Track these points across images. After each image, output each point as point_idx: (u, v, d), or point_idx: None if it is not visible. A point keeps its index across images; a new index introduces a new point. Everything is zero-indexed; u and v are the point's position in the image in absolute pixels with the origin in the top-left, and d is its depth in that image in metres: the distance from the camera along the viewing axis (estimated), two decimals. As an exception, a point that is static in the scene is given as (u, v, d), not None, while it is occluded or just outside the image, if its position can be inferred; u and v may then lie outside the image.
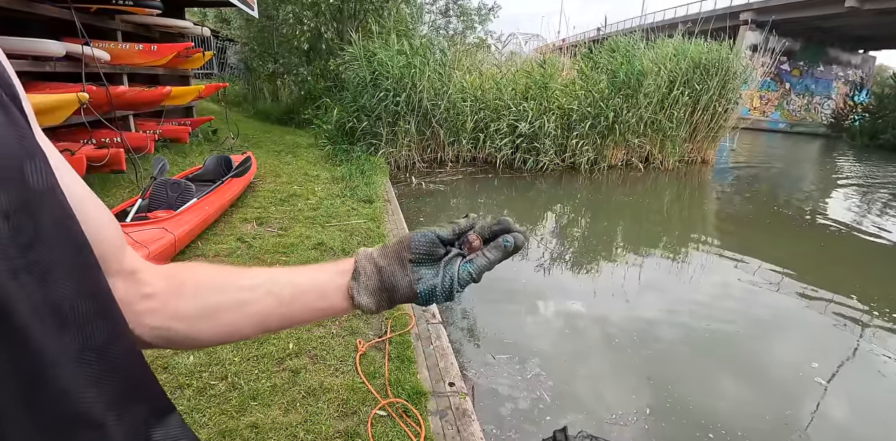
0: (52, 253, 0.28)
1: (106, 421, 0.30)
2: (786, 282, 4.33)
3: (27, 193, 0.27)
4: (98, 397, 0.29)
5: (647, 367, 2.80)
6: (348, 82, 7.96)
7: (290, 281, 0.46)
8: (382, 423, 1.93)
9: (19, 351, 0.24)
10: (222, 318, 0.44)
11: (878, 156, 16.24)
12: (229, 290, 0.45)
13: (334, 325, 2.63)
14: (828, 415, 2.53)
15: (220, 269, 0.47)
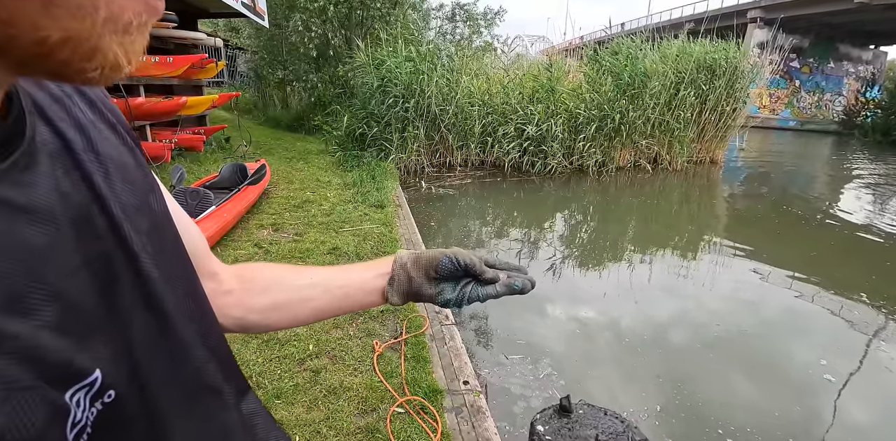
0: (173, 264, 0.37)
1: (224, 390, 0.39)
2: (795, 281, 4.36)
3: (155, 218, 0.36)
4: (216, 372, 0.39)
5: (658, 366, 2.86)
6: (357, 89, 8.09)
7: (342, 282, 0.57)
8: (401, 420, 2.01)
9: (169, 333, 0.33)
10: (288, 311, 0.56)
11: (891, 152, 16.06)
12: (294, 288, 0.56)
13: (351, 327, 2.73)
14: (837, 411, 2.57)
15: (283, 269, 0.58)
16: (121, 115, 0.38)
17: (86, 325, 0.26)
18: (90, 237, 0.28)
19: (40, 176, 0.26)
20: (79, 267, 0.27)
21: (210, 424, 0.38)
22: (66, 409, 0.23)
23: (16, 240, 0.23)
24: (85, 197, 0.29)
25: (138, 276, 0.31)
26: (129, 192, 0.33)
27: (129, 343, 0.29)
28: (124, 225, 0.31)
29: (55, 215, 0.26)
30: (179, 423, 0.33)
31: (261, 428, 0.47)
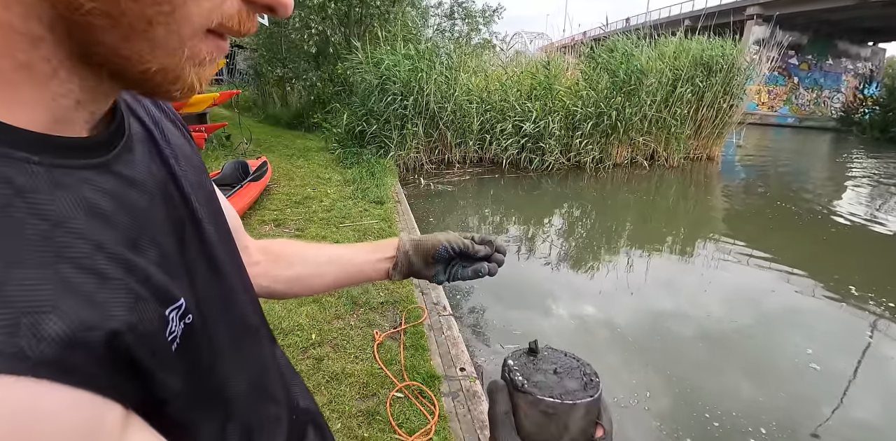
0: (222, 229, 0.47)
1: (260, 331, 0.50)
2: (786, 274, 4.46)
3: (208, 194, 0.46)
4: (254, 315, 0.49)
5: (649, 356, 2.96)
6: (356, 87, 8.16)
7: (353, 263, 0.69)
8: (400, 404, 2.11)
9: (221, 280, 0.43)
10: (306, 283, 0.67)
11: (888, 149, 16.15)
12: (313, 265, 0.68)
13: (352, 317, 2.83)
14: (821, 398, 2.68)
15: (302, 246, 0.70)
16: (176, 113, 0.48)
17: (174, 267, 0.35)
18: (171, 205, 0.38)
19: (138, 158, 0.36)
20: (167, 225, 0.36)
21: (250, 358, 0.48)
22: (167, 320, 0.32)
23: (130, 202, 0.33)
24: (165, 175, 0.39)
25: (201, 236, 0.41)
26: (192, 173, 0.43)
27: (195, 284, 0.38)
28: (192, 198, 0.41)
29: (149, 187, 0.36)
30: (229, 353, 0.43)
31: (287, 372, 0.58)
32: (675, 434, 2.29)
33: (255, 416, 0.47)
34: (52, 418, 0.24)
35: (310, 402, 0.63)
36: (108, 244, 0.29)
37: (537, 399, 0.41)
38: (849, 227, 6.25)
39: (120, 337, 0.27)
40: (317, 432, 0.60)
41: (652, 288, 4.10)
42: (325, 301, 2.95)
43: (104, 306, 0.27)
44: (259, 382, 0.49)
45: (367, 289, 3.12)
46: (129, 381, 0.29)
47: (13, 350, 0.22)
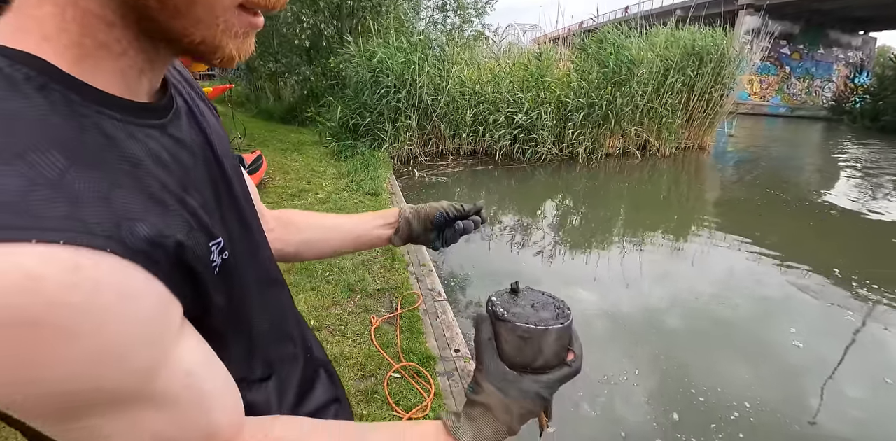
0: (247, 192, 0.54)
1: (280, 280, 0.58)
2: (771, 259, 4.57)
3: (233, 161, 0.53)
4: (275, 266, 0.58)
5: (639, 336, 3.05)
6: (349, 80, 8.17)
7: (357, 229, 0.78)
8: (397, 383, 2.19)
9: (248, 233, 0.51)
10: (314, 247, 0.76)
11: (879, 138, 16.29)
12: (321, 230, 0.76)
13: (350, 304, 2.90)
14: (803, 373, 2.78)
15: (310, 215, 0.78)
16: (203, 92, 0.56)
17: (212, 212, 0.43)
18: (209, 166, 0.46)
19: (184, 125, 0.44)
20: (206, 180, 0.45)
21: (272, 303, 0.56)
22: (209, 250, 0.40)
23: (181, 158, 0.41)
24: (203, 142, 0.47)
25: (232, 194, 0.49)
26: (220, 143, 0.50)
27: (228, 231, 0.46)
28: (224, 161, 0.49)
29: (193, 149, 0.44)
30: (255, 295, 0.51)
31: (303, 324, 0.67)
32: (662, 409, 2.38)
33: (275, 352, 0.55)
34: (138, 298, 0.31)
35: (321, 352, 0.71)
36: (170, 185, 0.37)
37: (515, 325, 0.47)
38: (836, 214, 6.37)
39: (184, 248, 0.35)
40: (328, 376, 0.68)
41: (643, 274, 4.19)
42: (322, 289, 3.02)
43: (172, 225, 0.35)
44: (279, 325, 0.57)
45: (363, 276, 3.19)
46: (187, 287, 0.37)
47: (118, 238, 0.30)
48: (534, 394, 0.47)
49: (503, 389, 0.47)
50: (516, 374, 0.48)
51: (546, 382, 0.48)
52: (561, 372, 0.49)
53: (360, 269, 3.33)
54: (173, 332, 0.35)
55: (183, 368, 0.36)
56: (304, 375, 0.61)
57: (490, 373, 0.49)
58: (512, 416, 0.47)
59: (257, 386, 0.53)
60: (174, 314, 0.35)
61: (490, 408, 0.48)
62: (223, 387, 0.41)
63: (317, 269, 3.26)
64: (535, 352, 0.47)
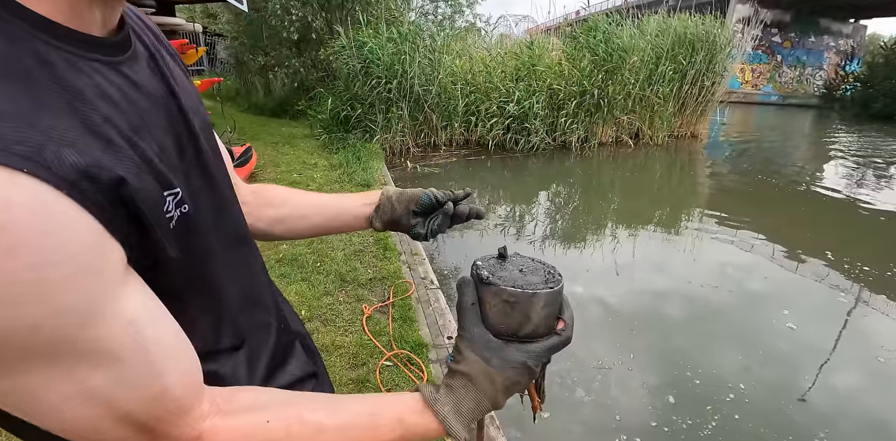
0: (217, 153, 0.52)
1: (251, 242, 0.55)
2: (767, 243, 4.57)
3: (204, 122, 0.50)
4: (245, 227, 0.54)
5: (634, 321, 3.04)
6: (339, 71, 8.08)
7: (335, 205, 0.72)
8: (389, 371, 2.17)
9: (216, 191, 0.48)
10: (290, 225, 0.70)
11: (869, 125, 16.37)
12: (295, 207, 0.71)
13: (341, 294, 2.86)
14: (798, 354, 2.78)
15: (289, 191, 0.73)
16: (177, 52, 0.52)
17: (171, 162, 0.40)
18: (170, 117, 0.43)
19: (143, 70, 0.41)
20: (166, 129, 0.41)
21: (242, 265, 0.53)
22: (164, 200, 0.37)
23: (133, 98, 0.38)
24: (166, 92, 0.43)
25: (197, 148, 0.46)
26: (188, 99, 0.47)
27: (190, 186, 0.43)
28: (189, 115, 0.45)
29: (152, 95, 0.41)
30: (222, 254, 0.48)
31: (276, 292, 0.64)
32: (657, 392, 2.37)
33: (246, 319, 0.52)
34: (62, 228, 0.28)
35: (299, 325, 0.67)
36: (117, 122, 0.34)
37: (500, 289, 0.43)
38: (827, 200, 6.39)
39: (128, 187, 0.32)
40: (304, 349, 0.65)
41: (637, 261, 4.18)
42: (313, 279, 2.98)
43: (114, 161, 0.32)
44: (250, 290, 0.54)
45: (354, 266, 3.15)
46: (133, 232, 0.33)
47: (40, 161, 0.27)
48: (520, 363, 0.44)
49: (486, 358, 0.44)
50: (501, 342, 0.44)
51: (534, 352, 0.45)
52: (550, 341, 0.46)
53: (351, 258, 3.29)
54: (112, 277, 0.31)
55: (125, 318, 0.32)
56: (277, 346, 0.57)
57: (473, 340, 0.45)
58: (496, 387, 0.44)
59: (226, 356, 0.49)
60: (112, 256, 0.31)
61: (471, 378, 0.44)
62: (175, 346, 0.37)
63: (308, 259, 3.22)
64: (522, 318, 0.44)
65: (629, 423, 2.17)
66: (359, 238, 3.68)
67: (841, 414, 2.34)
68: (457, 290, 0.48)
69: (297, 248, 3.39)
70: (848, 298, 3.51)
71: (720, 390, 2.38)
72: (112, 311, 0.31)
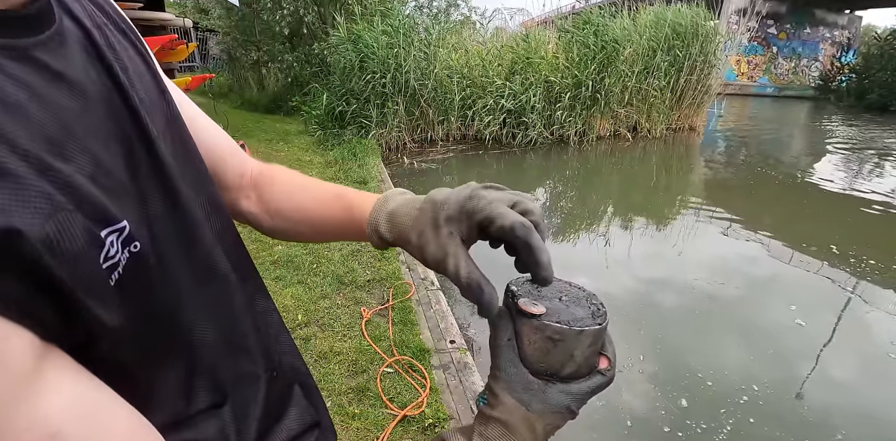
0: (186, 160, 0.41)
1: (229, 275, 0.44)
2: (767, 238, 4.50)
3: (168, 118, 0.40)
4: (222, 256, 0.43)
5: (641, 321, 2.96)
6: (334, 66, 7.94)
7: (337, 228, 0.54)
8: (390, 379, 2.08)
9: (181, 214, 0.38)
10: (293, 233, 0.58)
11: (864, 116, 16.32)
12: (297, 220, 0.57)
13: (339, 296, 2.77)
14: (807, 353, 2.71)
15: (295, 188, 0.58)
16: (132, 25, 0.42)
17: (114, 184, 0.30)
18: (114, 118, 0.32)
19: (72, 55, 0.31)
20: (108, 137, 0.31)
21: (219, 305, 0.42)
22: (101, 241, 0.27)
23: (52, 98, 0.27)
24: (107, 84, 0.33)
25: (155, 159, 0.35)
26: (145, 90, 0.37)
27: (147, 212, 0.33)
28: (142, 114, 0.35)
29: (85, 90, 0.30)
30: (193, 296, 0.38)
31: (274, 328, 0.53)
32: (669, 395, 2.29)
33: (226, 369, 0.42)
34: None
35: (298, 361, 0.57)
36: (16, 137, 0.24)
37: (543, 324, 0.38)
38: (827, 191, 6.33)
39: (25, 240, 0.22)
40: (305, 394, 0.54)
41: (639, 256, 4.10)
42: (310, 281, 2.89)
43: (7, 202, 0.22)
44: (231, 334, 0.43)
45: (352, 267, 3.06)
46: (47, 305, 0.24)
47: None
48: (564, 407, 0.39)
49: (526, 402, 0.38)
50: (542, 383, 0.39)
51: (577, 394, 0.39)
52: (593, 381, 0.39)
53: (348, 259, 3.19)
54: (16, 373, 0.22)
55: (46, 429, 0.23)
56: (270, 396, 0.47)
57: (511, 381, 0.39)
58: (535, 435, 0.38)
59: (206, 418, 0.39)
60: (15, 349, 0.22)
61: (510, 426, 0.38)
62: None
63: (304, 260, 3.12)
64: (566, 357, 0.38)
65: (641, 429, 2.09)
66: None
67: (856, 414, 2.27)
68: (490, 325, 0.41)
69: (294, 249, 3.29)
70: (854, 293, 3.44)
71: (733, 392, 2.31)
72: (24, 422, 0.22)
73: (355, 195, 0.52)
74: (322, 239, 0.59)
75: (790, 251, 4.21)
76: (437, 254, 0.40)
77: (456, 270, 0.39)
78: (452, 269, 0.39)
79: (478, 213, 0.39)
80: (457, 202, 0.40)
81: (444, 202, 0.41)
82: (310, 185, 0.58)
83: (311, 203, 0.56)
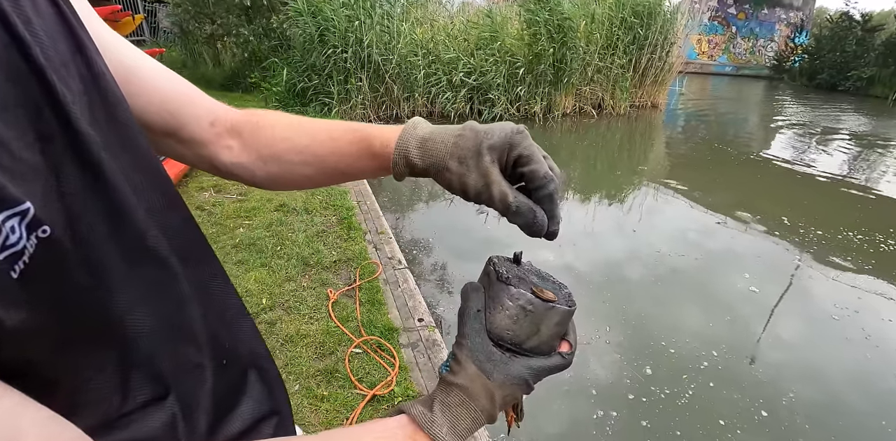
0: (112, 129, 0.35)
1: (169, 258, 0.38)
2: (726, 210, 4.67)
3: (87, 79, 0.34)
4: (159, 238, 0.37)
5: (605, 294, 3.04)
6: (294, 40, 7.62)
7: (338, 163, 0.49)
8: (359, 359, 2.05)
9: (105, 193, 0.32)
10: (285, 180, 0.52)
11: (815, 95, 16.99)
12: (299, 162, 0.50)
13: (304, 278, 2.70)
14: (762, 316, 2.86)
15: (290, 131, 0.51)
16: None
17: (16, 162, 0.26)
18: (13, 80, 0.27)
19: None
20: (5, 103, 0.26)
21: (157, 289, 0.37)
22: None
23: None
24: (2, 37, 0.27)
25: (68, 129, 0.30)
26: (52, 46, 0.31)
27: (60, 189, 0.29)
28: (49, 73, 0.29)
29: None
30: (125, 281, 0.33)
31: (232, 310, 0.48)
32: (635, 363, 2.36)
33: (167, 360, 0.38)
34: None
35: (259, 347, 0.52)
36: None
37: (521, 292, 0.40)
38: (777, 166, 6.61)
39: None
40: (261, 379, 0.50)
41: (603, 230, 4.18)
42: (274, 264, 2.81)
43: None
44: (172, 320, 0.39)
45: (317, 248, 2.99)
46: None
47: None
48: (522, 380, 0.39)
49: (488, 372, 0.39)
50: (504, 355, 0.40)
51: (536, 369, 0.40)
52: (552, 361, 0.41)
53: (313, 240, 3.11)
54: None
55: None
56: (220, 386, 0.43)
57: (475, 350, 0.39)
58: (494, 403, 0.39)
59: (146, 413, 0.35)
60: None
61: (471, 393, 0.38)
62: None
63: (267, 243, 3.03)
64: (532, 329, 0.40)
65: (607, 397, 2.15)
66: (321, 218, 3.50)
67: (804, 373, 2.41)
68: (462, 296, 0.43)
69: (255, 231, 3.18)
70: (802, 261, 3.63)
71: (694, 359, 2.40)
72: None
73: (370, 127, 0.48)
74: (329, 180, 0.52)
75: (745, 223, 4.39)
76: (479, 181, 0.40)
77: (503, 197, 0.40)
78: (498, 196, 0.40)
79: (518, 148, 0.40)
80: (502, 132, 0.40)
81: (489, 132, 0.40)
82: (306, 123, 0.51)
83: (313, 139, 0.49)
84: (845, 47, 19.36)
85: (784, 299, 3.11)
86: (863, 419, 2.16)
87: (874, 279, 3.41)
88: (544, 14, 7.95)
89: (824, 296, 3.22)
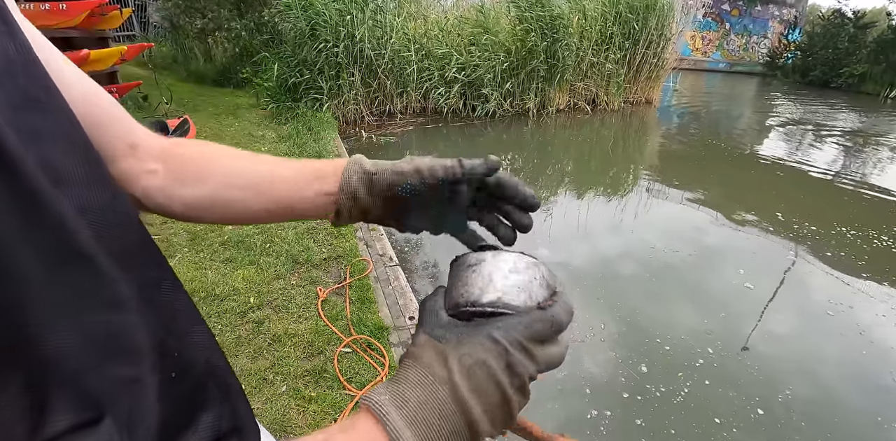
0: (38, 118, 0.31)
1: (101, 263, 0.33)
2: (716, 208, 4.65)
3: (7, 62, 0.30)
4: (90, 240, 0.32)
5: (600, 291, 3.00)
6: (286, 34, 7.52)
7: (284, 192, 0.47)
8: (348, 359, 2.01)
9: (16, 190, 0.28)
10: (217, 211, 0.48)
11: (807, 92, 17.03)
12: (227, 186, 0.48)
13: (294, 277, 2.65)
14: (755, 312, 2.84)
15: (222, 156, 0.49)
16: None
17: None
18: None
19: None
20: None
21: (86, 298, 0.32)
22: None
23: None
24: None
25: None
26: None
27: None
28: None
29: None
30: (40, 293, 0.29)
31: (182, 318, 0.43)
32: (630, 361, 2.33)
33: (99, 378, 0.33)
34: None
35: (215, 356, 0.46)
36: None
37: (465, 255, 0.39)
38: (770, 163, 6.60)
39: None
40: (220, 395, 0.45)
41: (597, 226, 4.14)
42: (262, 262, 2.75)
43: None
44: (105, 333, 0.34)
45: (307, 246, 2.93)
46: None
47: None
48: (483, 335, 0.33)
49: (439, 336, 0.35)
50: (463, 322, 0.35)
51: (503, 325, 0.34)
52: (530, 315, 0.34)
53: (303, 237, 3.06)
54: None
55: None
56: (169, 402, 0.37)
57: (429, 324, 0.36)
58: (449, 367, 0.33)
59: (78, 437, 0.30)
60: None
61: (418, 358, 0.34)
62: None
63: (255, 241, 2.97)
64: (485, 282, 0.36)
65: (602, 396, 2.12)
66: (311, 214, 3.45)
67: (800, 369, 2.39)
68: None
69: (244, 229, 3.12)
70: (797, 257, 3.61)
71: (690, 356, 2.38)
72: None
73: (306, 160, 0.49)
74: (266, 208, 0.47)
75: (739, 219, 4.37)
76: (430, 162, 0.43)
77: (452, 163, 0.43)
78: (450, 163, 0.43)
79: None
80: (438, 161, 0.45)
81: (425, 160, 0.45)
82: (241, 152, 0.50)
83: (249, 162, 0.48)
84: (837, 44, 19.43)
85: (778, 295, 3.10)
86: (858, 416, 2.14)
87: (868, 275, 3.40)
88: (536, 10, 7.89)
89: (819, 291, 3.21)
